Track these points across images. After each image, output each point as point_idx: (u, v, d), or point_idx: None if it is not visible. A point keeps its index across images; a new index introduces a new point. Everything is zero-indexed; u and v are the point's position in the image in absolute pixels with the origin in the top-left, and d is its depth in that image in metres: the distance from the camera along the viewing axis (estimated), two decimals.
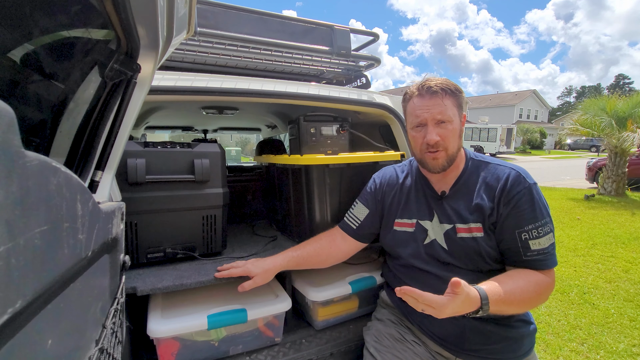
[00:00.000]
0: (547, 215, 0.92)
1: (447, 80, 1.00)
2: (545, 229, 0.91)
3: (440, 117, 0.95)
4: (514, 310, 0.89)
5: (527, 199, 0.92)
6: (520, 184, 0.93)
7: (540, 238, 0.90)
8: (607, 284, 2.92)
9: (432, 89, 0.96)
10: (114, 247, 0.64)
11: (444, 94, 0.96)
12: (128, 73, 0.64)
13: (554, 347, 2.03)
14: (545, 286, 0.89)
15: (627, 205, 6.36)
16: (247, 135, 6.24)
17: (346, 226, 1.17)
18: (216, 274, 1.04)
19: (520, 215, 0.91)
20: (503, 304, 0.82)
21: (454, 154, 0.99)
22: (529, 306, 0.90)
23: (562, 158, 21.79)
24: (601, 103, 7.50)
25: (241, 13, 1.42)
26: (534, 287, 0.87)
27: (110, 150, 0.67)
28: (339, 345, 1.18)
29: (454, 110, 0.97)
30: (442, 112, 0.95)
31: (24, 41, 0.52)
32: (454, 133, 0.97)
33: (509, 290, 0.83)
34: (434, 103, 0.96)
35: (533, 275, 0.89)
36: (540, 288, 0.88)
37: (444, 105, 0.95)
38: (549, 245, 0.90)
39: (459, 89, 0.99)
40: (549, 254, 0.91)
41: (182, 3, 0.66)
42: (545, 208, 0.93)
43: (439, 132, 0.96)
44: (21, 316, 0.28)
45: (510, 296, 0.83)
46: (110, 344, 0.59)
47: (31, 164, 0.28)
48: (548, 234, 0.91)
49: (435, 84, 0.96)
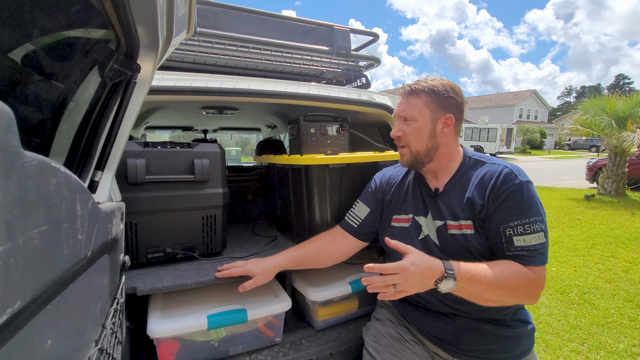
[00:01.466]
0: (537, 214, 0.89)
1: (432, 81, 1.00)
2: (533, 227, 0.88)
3: (403, 115, 1.01)
4: (488, 294, 0.84)
5: (516, 195, 0.90)
6: (511, 180, 0.92)
7: (526, 235, 0.88)
8: (607, 284, 2.92)
9: (405, 88, 1.03)
10: (113, 247, 0.64)
11: (411, 94, 1.01)
12: (128, 73, 0.64)
13: (554, 347, 2.03)
14: (527, 278, 0.85)
15: (627, 205, 6.36)
16: (247, 135, 6.24)
17: (347, 225, 1.18)
18: (216, 274, 1.04)
19: (507, 211, 0.90)
20: (473, 282, 0.82)
21: (419, 152, 1.00)
22: (505, 294, 0.84)
23: (562, 158, 21.78)
24: (601, 103, 7.50)
25: (241, 13, 1.42)
26: (511, 274, 0.84)
27: (110, 150, 0.67)
28: (339, 345, 1.18)
29: (421, 110, 0.98)
30: (405, 110, 1.01)
31: (24, 41, 0.52)
32: (417, 131, 0.99)
33: (482, 270, 0.83)
34: (402, 102, 1.03)
35: (513, 264, 0.87)
36: (520, 278, 0.84)
37: (408, 104, 1.01)
38: (538, 244, 0.87)
39: (438, 90, 0.98)
40: (536, 252, 0.87)
41: (182, 3, 0.66)
42: (537, 207, 0.90)
43: (401, 128, 1.02)
44: (20, 316, 0.28)
45: (482, 275, 0.82)
46: (110, 344, 0.59)
47: (30, 164, 0.28)
48: (537, 233, 0.88)
49: (410, 84, 1.02)
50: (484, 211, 0.93)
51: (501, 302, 0.88)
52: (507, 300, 0.87)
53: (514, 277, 0.84)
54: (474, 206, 0.94)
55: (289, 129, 1.48)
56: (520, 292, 0.85)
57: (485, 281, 0.83)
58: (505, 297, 0.86)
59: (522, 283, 0.84)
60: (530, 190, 0.92)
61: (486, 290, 0.83)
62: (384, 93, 1.53)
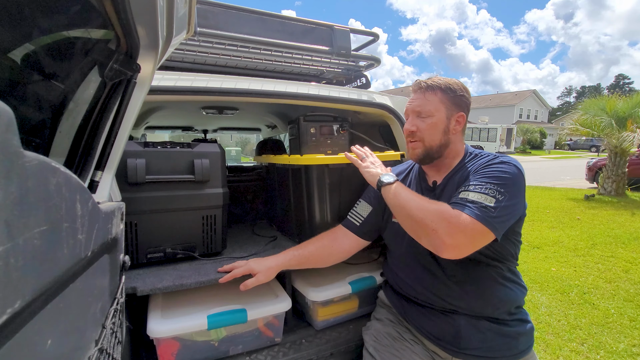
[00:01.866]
0: (499, 186, 0.86)
1: (445, 79, 1.01)
2: (484, 188, 0.86)
3: (419, 110, 1.01)
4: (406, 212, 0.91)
5: (488, 166, 0.92)
6: (493, 160, 0.95)
7: (472, 192, 0.86)
8: (607, 284, 2.92)
9: (419, 85, 1.03)
10: (113, 247, 0.64)
11: (427, 90, 1.01)
12: (128, 73, 0.64)
13: (554, 347, 2.03)
14: (449, 214, 0.83)
15: (627, 205, 6.35)
16: (247, 135, 6.23)
17: (349, 223, 1.18)
18: (220, 280, 1.03)
19: (473, 177, 0.91)
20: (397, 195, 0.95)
21: (432, 147, 1.01)
22: (422, 220, 0.86)
23: (562, 158, 21.79)
24: (601, 103, 7.50)
25: (241, 13, 1.42)
26: (435, 206, 0.87)
27: (110, 150, 0.67)
28: (339, 345, 1.18)
29: (437, 106, 0.99)
30: (421, 105, 1.01)
31: (24, 41, 0.52)
32: (432, 127, 0.99)
33: (411, 193, 0.95)
34: (417, 97, 1.03)
35: (442, 202, 0.89)
36: (442, 212, 0.84)
37: (425, 99, 1.00)
38: (479, 201, 0.84)
39: (453, 87, 1.00)
40: (472, 202, 0.84)
41: (182, 3, 0.66)
42: (504, 180, 0.87)
43: (416, 123, 1.02)
44: (20, 316, 0.28)
45: (408, 195, 0.93)
46: (110, 344, 0.59)
47: (30, 164, 0.28)
48: (485, 195, 0.85)
49: (426, 81, 1.02)
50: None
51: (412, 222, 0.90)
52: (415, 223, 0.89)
53: (433, 206, 0.88)
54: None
55: (289, 129, 1.48)
56: (428, 220, 0.85)
57: (410, 195, 0.94)
58: (415, 216, 0.88)
59: (432, 212, 0.86)
60: (505, 168, 0.90)
61: (405, 200, 0.92)
62: (384, 93, 1.53)
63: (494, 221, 0.82)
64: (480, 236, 0.82)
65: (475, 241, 0.83)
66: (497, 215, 0.83)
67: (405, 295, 1.09)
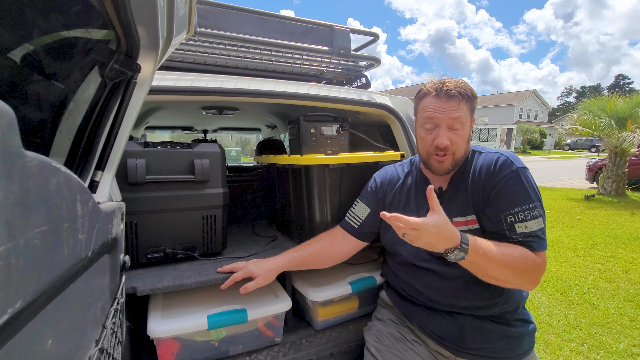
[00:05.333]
0: (536, 199, 0.90)
1: (465, 83, 0.97)
2: (533, 212, 0.88)
3: (454, 122, 0.94)
4: (495, 271, 0.84)
5: (515, 182, 0.91)
6: (508, 167, 0.93)
7: (527, 221, 0.88)
8: (607, 284, 2.92)
9: (450, 92, 0.93)
10: (114, 247, 0.64)
11: (460, 98, 0.93)
12: (128, 73, 0.64)
13: (554, 347, 2.03)
14: (533, 262, 0.86)
15: (627, 205, 6.35)
16: (247, 135, 6.24)
17: (347, 225, 1.17)
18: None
19: (506, 197, 0.90)
20: (484, 257, 0.83)
21: (459, 159, 0.99)
22: (512, 273, 0.85)
23: (562, 158, 21.78)
24: (601, 103, 7.50)
25: (241, 13, 1.42)
26: (520, 256, 0.86)
27: (110, 151, 0.67)
28: (339, 345, 1.18)
29: (467, 116, 0.96)
30: (457, 117, 0.93)
31: (24, 41, 0.52)
32: (463, 138, 0.97)
33: (493, 248, 0.84)
34: (449, 106, 0.93)
35: (520, 248, 0.88)
36: (527, 261, 0.86)
37: (459, 109, 0.93)
38: (538, 230, 0.88)
39: (475, 94, 0.98)
40: (537, 237, 0.88)
41: (182, 3, 0.66)
42: (535, 192, 0.91)
43: (450, 137, 0.94)
44: (21, 316, 0.28)
45: (493, 253, 0.83)
46: (110, 344, 0.59)
47: (31, 164, 0.28)
48: (536, 218, 0.88)
49: (454, 87, 0.94)
50: (484, 201, 0.94)
51: (505, 281, 0.87)
52: (511, 279, 0.86)
53: (522, 258, 0.86)
54: (476, 198, 0.95)
55: (289, 129, 1.48)
56: (525, 273, 0.86)
57: (496, 259, 0.83)
58: (510, 277, 0.86)
59: (529, 265, 0.86)
60: (527, 176, 0.92)
61: (495, 267, 0.84)
62: (384, 93, 1.53)
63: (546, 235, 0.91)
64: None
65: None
66: (545, 228, 0.91)
67: (407, 297, 1.09)
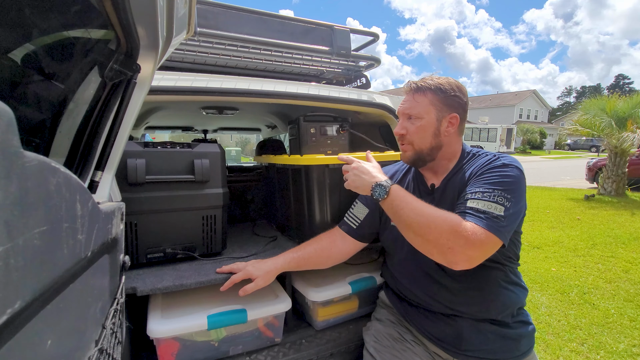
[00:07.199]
0: (507, 191, 0.84)
1: (438, 79, 0.99)
2: (494, 197, 0.83)
3: (408, 112, 1.00)
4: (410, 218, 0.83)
5: (492, 170, 0.89)
6: (494, 162, 0.92)
7: (480, 200, 0.84)
8: (607, 284, 2.92)
9: (410, 86, 1.01)
10: (113, 247, 0.64)
11: (417, 92, 0.99)
12: (128, 73, 0.64)
13: (554, 347, 2.03)
14: (454, 226, 0.79)
15: (627, 205, 6.35)
16: (247, 135, 6.24)
17: (346, 226, 1.17)
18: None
19: (476, 181, 0.89)
20: (403, 200, 0.86)
21: (422, 150, 0.99)
22: (427, 230, 0.81)
23: (562, 158, 21.78)
24: (601, 103, 7.51)
25: (241, 13, 1.42)
26: (442, 216, 0.81)
27: (110, 151, 0.67)
28: (339, 345, 1.18)
29: (427, 108, 0.97)
30: (410, 107, 1.00)
31: (24, 41, 0.52)
32: (422, 130, 0.98)
33: (416, 199, 0.87)
34: (407, 99, 1.02)
35: (452, 213, 0.83)
36: (447, 222, 0.80)
37: (414, 101, 0.99)
38: (486, 209, 0.82)
39: (445, 88, 0.97)
40: (480, 212, 0.82)
41: (182, 3, 0.66)
42: (509, 185, 0.85)
43: (405, 126, 1.01)
44: (20, 317, 0.28)
45: (412, 200, 0.86)
46: (110, 344, 0.59)
47: (30, 164, 0.28)
48: (495, 204, 0.82)
49: (417, 82, 1.00)
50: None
51: (422, 239, 0.84)
52: (426, 241, 0.83)
53: (442, 218, 0.81)
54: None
55: (289, 129, 1.48)
56: (442, 238, 0.79)
57: (412, 205, 0.85)
58: (424, 229, 0.82)
59: (447, 226, 0.79)
60: (509, 172, 0.88)
61: (410, 213, 0.84)
62: (384, 93, 1.53)
63: (504, 230, 0.81)
64: (492, 246, 0.81)
65: (487, 252, 0.82)
66: (506, 224, 0.82)
67: (405, 298, 1.09)
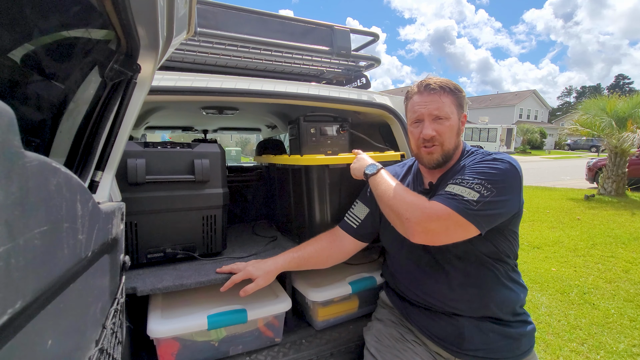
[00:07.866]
0: (487, 182, 0.85)
1: (447, 79, 1.01)
2: (470, 183, 0.86)
3: (437, 113, 0.97)
4: (386, 193, 0.97)
5: (479, 163, 0.92)
6: (486, 157, 0.94)
7: (457, 185, 0.87)
8: (607, 284, 2.92)
9: (430, 87, 0.99)
10: (114, 247, 0.64)
11: (442, 92, 0.98)
12: (128, 73, 0.64)
13: (554, 347, 2.03)
14: (423, 205, 0.87)
15: (627, 205, 6.35)
16: (247, 135, 6.24)
17: (347, 226, 1.17)
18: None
19: (464, 172, 0.91)
20: (387, 176, 1.04)
21: (449, 150, 0.99)
22: (397, 209, 0.92)
23: (562, 158, 21.79)
24: (601, 103, 7.51)
25: (241, 13, 1.42)
26: (415, 195, 0.93)
27: (110, 151, 0.67)
28: (339, 345, 1.18)
29: (451, 108, 0.98)
30: (439, 108, 0.97)
31: (24, 41, 0.52)
32: (450, 129, 0.98)
33: (397, 181, 1.01)
34: (431, 99, 0.98)
35: (422, 196, 0.93)
36: (418, 201, 0.90)
37: (441, 101, 0.97)
38: (459, 194, 0.85)
39: (459, 88, 1.00)
40: (450, 194, 0.86)
41: (182, 3, 0.66)
42: (492, 180, 0.86)
43: (435, 128, 0.98)
44: (21, 317, 0.28)
45: (393, 181, 1.01)
46: (110, 344, 0.59)
47: (31, 164, 0.28)
48: (469, 189, 0.85)
49: (434, 82, 0.99)
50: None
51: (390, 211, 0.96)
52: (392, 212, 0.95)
53: (415, 196, 0.92)
54: None
55: (289, 129, 1.48)
56: (402, 209, 0.90)
57: (390, 185, 0.99)
58: (393, 205, 0.94)
59: (408, 202, 0.91)
60: (497, 165, 0.89)
61: (385, 191, 0.98)
62: (384, 93, 1.53)
63: (474, 214, 0.83)
64: (455, 226, 0.84)
65: (450, 230, 0.85)
66: (478, 209, 0.83)
67: (406, 298, 1.09)
